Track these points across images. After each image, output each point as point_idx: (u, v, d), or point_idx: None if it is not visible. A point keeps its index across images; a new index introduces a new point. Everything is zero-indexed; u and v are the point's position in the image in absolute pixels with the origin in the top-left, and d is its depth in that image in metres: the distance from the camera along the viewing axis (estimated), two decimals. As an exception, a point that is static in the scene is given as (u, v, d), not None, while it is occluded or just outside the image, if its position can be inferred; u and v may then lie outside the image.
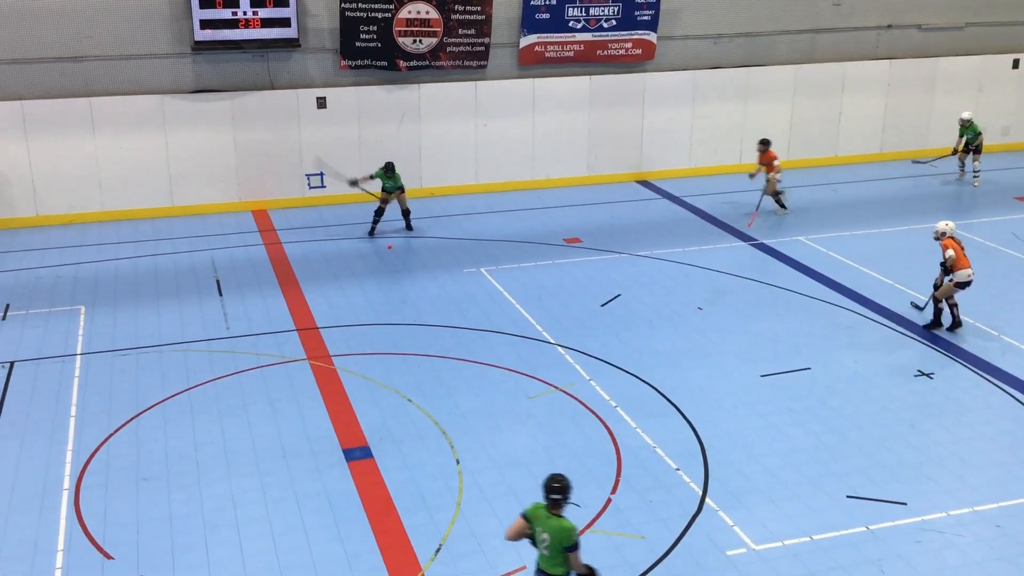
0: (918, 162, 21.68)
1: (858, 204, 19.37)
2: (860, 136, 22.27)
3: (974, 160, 20.54)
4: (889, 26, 21.88)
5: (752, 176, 18.59)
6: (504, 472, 9.95)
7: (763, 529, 9.04)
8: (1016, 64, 22.86)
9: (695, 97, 20.82)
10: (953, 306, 13.32)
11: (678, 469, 10.00)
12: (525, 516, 7.24)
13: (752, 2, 20.79)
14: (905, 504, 9.44)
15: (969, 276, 13.14)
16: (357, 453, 10.30)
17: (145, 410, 11.18)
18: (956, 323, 13.34)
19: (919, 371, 12.21)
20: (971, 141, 20.41)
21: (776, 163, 18.32)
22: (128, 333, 13.27)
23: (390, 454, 10.27)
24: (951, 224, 13.53)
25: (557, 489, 7.12)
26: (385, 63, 18.82)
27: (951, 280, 13.20)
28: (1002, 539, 8.96)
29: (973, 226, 17.67)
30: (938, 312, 13.38)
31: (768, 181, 18.33)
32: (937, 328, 13.39)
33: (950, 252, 13.08)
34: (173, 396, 11.49)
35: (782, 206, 18.56)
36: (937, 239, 13.45)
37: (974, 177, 20.58)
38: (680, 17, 20.42)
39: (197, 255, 16.29)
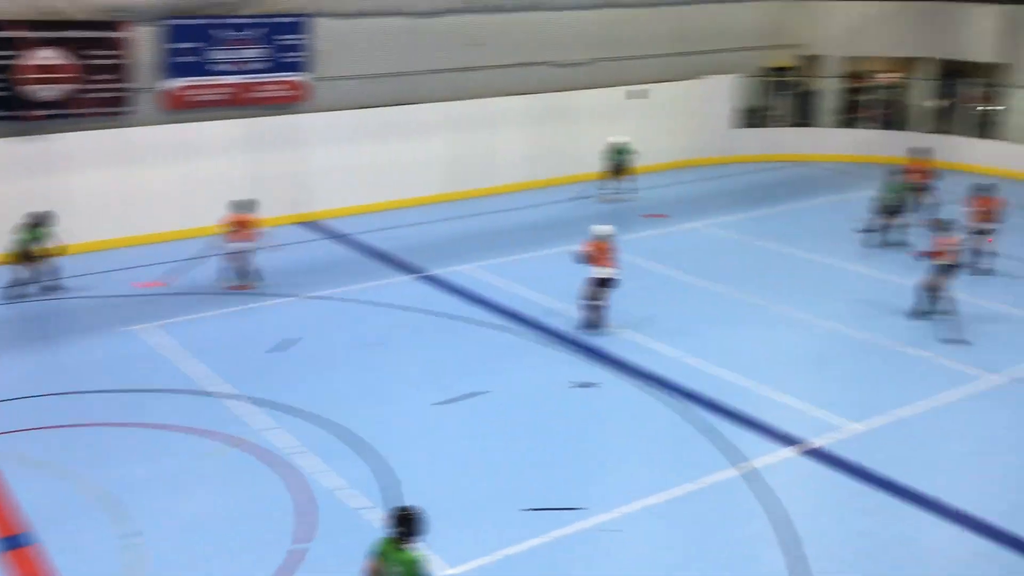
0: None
1: (513, 231, 20.49)
2: (511, 166, 23.61)
3: (622, 181, 22.56)
4: (544, 63, 23.43)
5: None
6: (188, 537, 9.44)
7: (457, 552, 9.26)
8: (636, 95, 25.26)
9: (352, 136, 21.09)
10: (597, 307, 14.56)
11: (368, 507, 10.00)
12: (376, 554, 7.19)
13: (403, 43, 21.44)
14: (583, 508, 10.07)
15: (605, 274, 14.48)
16: (16, 542, 9.32)
17: None
18: (597, 324, 14.63)
19: (584, 382, 13.08)
20: (621, 163, 22.45)
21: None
22: None
23: (56, 537, 9.39)
24: (605, 229, 14.89)
25: (401, 520, 7.10)
26: (10, 113, 17.33)
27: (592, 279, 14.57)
28: (670, 528, 9.80)
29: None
30: (591, 311, 14.64)
31: None
32: (594, 328, 14.59)
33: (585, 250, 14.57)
34: None
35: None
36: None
37: (619, 195, 22.56)
38: (333, 58, 20.62)
39: None
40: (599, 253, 14.53)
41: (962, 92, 26.25)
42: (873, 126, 27.38)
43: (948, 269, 14.94)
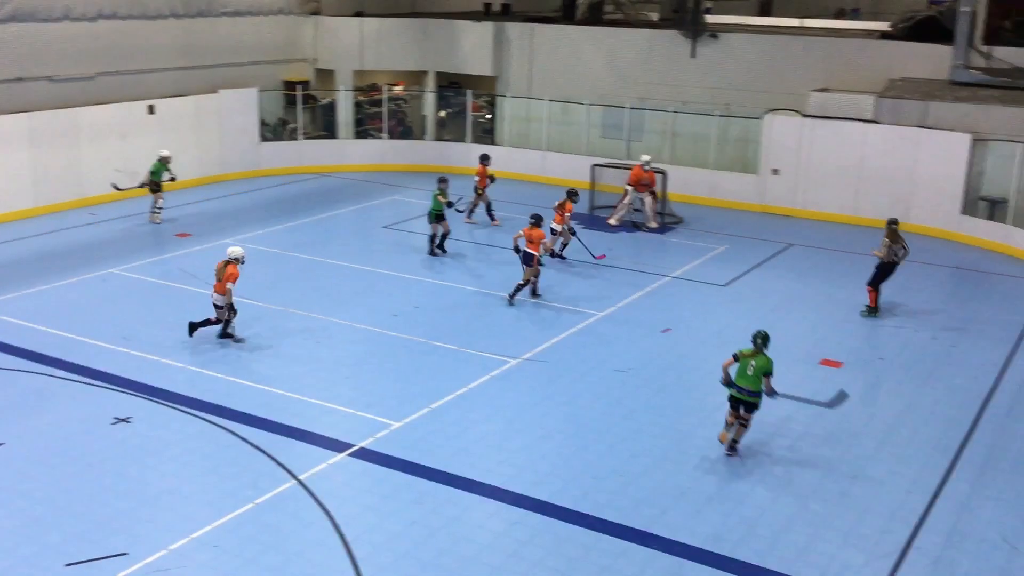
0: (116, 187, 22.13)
1: (18, 263, 18.66)
2: (8, 193, 21.42)
3: (158, 198, 21.42)
4: (43, 78, 21.42)
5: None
6: None
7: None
8: (152, 110, 24.23)
9: None
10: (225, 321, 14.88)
11: None
12: (735, 355, 11.52)
13: None
14: (126, 554, 9.48)
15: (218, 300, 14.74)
16: None
17: None
18: (228, 332, 15.04)
19: (122, 417, 12.29)
20: (159, 179, 21.33)
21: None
22: None
23: None
24: (237, 250, 14.93)
25: (764, 338, 11.47)
26: None
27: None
28: (222, 557, 9.57)
29: (144, 267, 18.38)
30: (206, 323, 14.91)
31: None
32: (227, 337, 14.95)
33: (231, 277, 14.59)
34: None
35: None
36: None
37: (154, 213, 21.46)
38: None
39: None
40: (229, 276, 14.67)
41: (463, 102, 28.60)
42: (387, 136, 28.85)
43: (529, 257, 16.80)
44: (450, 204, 19.66)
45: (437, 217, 19.66)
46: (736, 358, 11.54)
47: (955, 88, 22.96)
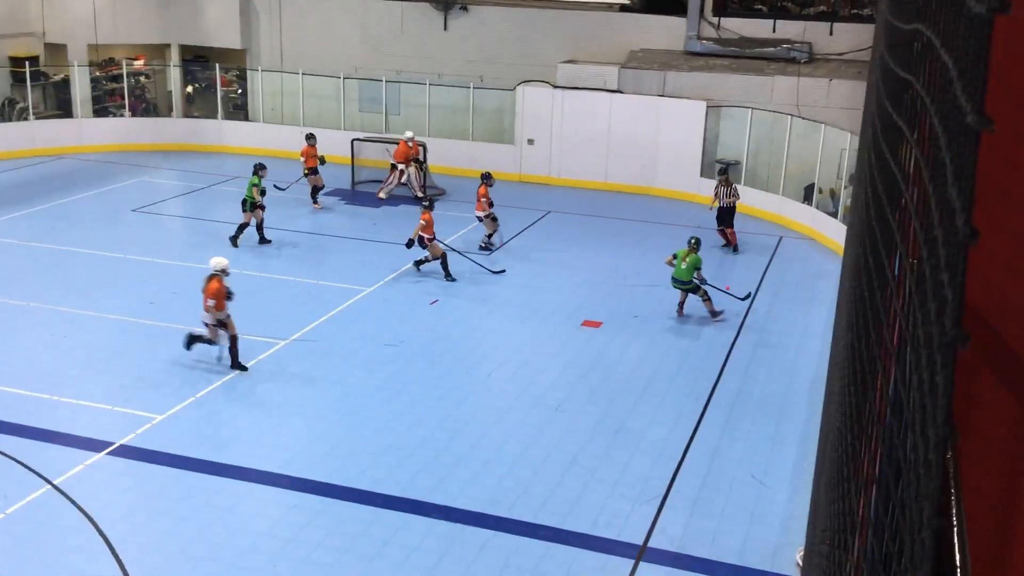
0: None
1: None
2: None
3: None
4: None
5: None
6: None
7: None
8: None
9: None
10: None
11: None
12: (674, 255, 15.32)
13: None
14: None
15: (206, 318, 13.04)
16: None
17: None
18: None
19: None
20: None
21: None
22: None
23: None
24: (220, 261, 13.24)
25: (697, 241, 15.38)
26: None
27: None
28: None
29: None
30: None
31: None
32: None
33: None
34: None
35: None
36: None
37: None
38: None
39: None
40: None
41: (211, 77, 27.41)
42: (129, 114, 27.23)
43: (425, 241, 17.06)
44: (264, 192, 18.64)
45: (252, 205, 18.64)
46: (675, 256, 15.41)
47: (690, 58, 24.43)
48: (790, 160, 21.77)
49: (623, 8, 26.97)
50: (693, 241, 15.57)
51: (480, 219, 19.31)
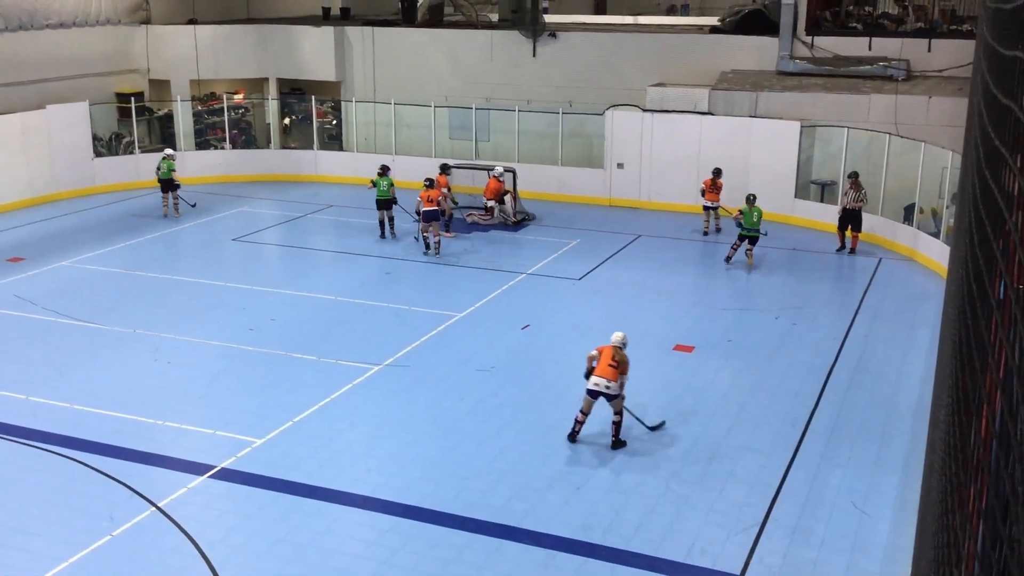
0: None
1: None
2: None
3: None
4: None
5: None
6: None
7: None
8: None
9: None
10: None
11: None
12: (747, 201, 18.78)
13: None
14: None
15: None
16: None
17: None
18: None
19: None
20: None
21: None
22: None
23: None
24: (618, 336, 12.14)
25: (753, 196, 19.25)
26: None
27: None
28: (82, 592, 9.16)
29: (-27, 296, 17.34)
30: None
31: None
32: None
33: None
34: None
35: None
36: None
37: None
38: None
39: None
40: None
41: (308, 108, 28.13)
42: (230, 146, 28.11)
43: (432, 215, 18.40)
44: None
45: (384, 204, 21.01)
46: (740, 212, 18.97)
47: (782, 78, 24.09)
48: (889, 179, 21.25)
49: (713, 30, 26.79)
50: (751, 196, 18.70)
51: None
